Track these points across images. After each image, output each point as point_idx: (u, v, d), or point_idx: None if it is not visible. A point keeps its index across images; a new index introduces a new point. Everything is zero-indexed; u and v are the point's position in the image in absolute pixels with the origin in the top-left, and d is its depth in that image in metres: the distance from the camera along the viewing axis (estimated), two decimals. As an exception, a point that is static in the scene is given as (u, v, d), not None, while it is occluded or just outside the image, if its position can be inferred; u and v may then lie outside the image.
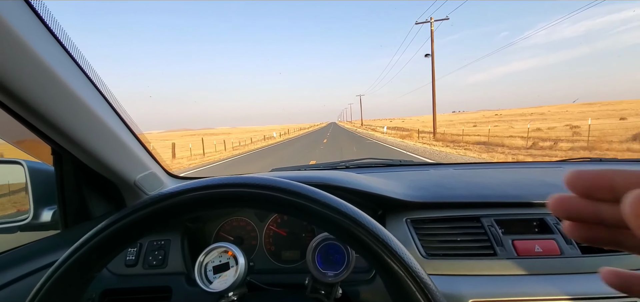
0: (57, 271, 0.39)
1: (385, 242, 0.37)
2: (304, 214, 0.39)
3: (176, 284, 0.82)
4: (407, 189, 0.88)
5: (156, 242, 0.89)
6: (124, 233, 0.40)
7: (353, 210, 0.39)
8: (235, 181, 0.40)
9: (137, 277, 0.85)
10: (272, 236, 0.95)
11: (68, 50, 0.65)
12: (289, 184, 0.40)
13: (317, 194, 0.39)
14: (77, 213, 0.89)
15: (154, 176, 0.98)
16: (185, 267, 0.85)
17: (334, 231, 0.40)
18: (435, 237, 0.77)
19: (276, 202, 0.39)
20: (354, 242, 0.39)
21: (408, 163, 1.39)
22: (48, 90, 0.60)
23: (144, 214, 0.40)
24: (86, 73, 0.70)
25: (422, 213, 0.82)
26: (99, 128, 0.74)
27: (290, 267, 0.91)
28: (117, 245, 0.41)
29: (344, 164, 1.37)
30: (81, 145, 0.73)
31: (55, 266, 0.40)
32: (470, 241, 0.75)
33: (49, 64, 0.58)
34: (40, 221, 0.90)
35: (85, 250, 0.39)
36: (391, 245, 0.37)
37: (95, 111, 0.72)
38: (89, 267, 0.41)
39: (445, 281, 0.69)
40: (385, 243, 0.37)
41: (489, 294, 0.64)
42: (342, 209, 0.39)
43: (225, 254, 0.69)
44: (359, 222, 0.38)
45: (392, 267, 0.37)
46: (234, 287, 0.64)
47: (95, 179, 0.88)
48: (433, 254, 0.74)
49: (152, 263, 0.85)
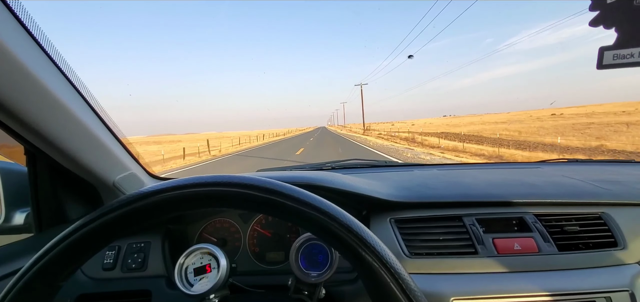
0: (18, 282, 0.37)
1: (359, 235, 0.37)
2: (278, 212, 0.39)
3: (156, 288, 0.80)
4: (391, 189, 0.89)
5: (136, 244, 0.86)
6: (89, 241, 0.38)
7: (326, 204, 0.39)
8: (208, 180, 0.39)
9: (115, 281, 0.82)
10: (257, 237, 0.94)
11: (41, 46, 0.62)
12: (263, 181, 0.39)
13: (290, 191, 0.39)
14: (52, 216, 0.86)
15: (134, 176, 0.95)
16: (166, 270, 0.83)
17: (309, 226, 0.39)
18: (418, 236, 0.78)
19: (251, 200, 0.39)
20: (329, 237, 0.38)
21: (393, 164, 1.40)
22: (19, 85, 0.57)
23: (109, 219, 0.38)
24: (61, 69, 0.67)
25: (405, 213, 0.83)
26: (75, 127, 0.72)
27: (274, 268, 0.90)
28: (82, 253, 0.39)
29: (330, 165, 1.37)
30: (56, 145, 0.70)
31: (16, 277, 0.37)
32: (453, 240, 0.76)
33: (20, 59, 0.56)
34: (12, 224, 0.86)
35: (48, 259, 0.37)
36: (365, 237, 0.37)
37: (71, 109, 0.69)
38: (53, 277, 0.39)
39: (427, 279, 0.69)
40: (359, 236, 0.37)
41: (471, 292, 0.65)
42: (315, 203, 0.38)
43: (206, 256, 0.68)
44: (332, 216, 0.38)
45: (366, 260, 0.37)
46: (215, 290, 0.63)
47: (71, 179, 0.85)
48: (416, 253, 0.75)
49: (131, 266, 0.83)
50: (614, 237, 0.74)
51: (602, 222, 0.77)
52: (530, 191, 0.86)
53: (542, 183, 0.93)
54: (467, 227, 0.77)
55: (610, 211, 0.79)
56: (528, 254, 0.72)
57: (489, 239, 0.75)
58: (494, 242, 0.74)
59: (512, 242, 0.74)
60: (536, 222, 0.77)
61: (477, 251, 0.73)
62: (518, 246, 0.73)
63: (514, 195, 0.83)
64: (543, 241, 0.74)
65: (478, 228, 0.77)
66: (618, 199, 0.81)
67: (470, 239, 0.75)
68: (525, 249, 0.73)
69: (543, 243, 0.73)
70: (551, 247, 0.73)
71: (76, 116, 0.70)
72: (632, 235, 0.74)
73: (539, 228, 0.76)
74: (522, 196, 0.82)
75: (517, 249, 0.73)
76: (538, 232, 0.75)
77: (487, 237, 0.75)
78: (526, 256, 0.72)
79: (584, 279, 0.67)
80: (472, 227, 0.77)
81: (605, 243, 0.74)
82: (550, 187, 0.89)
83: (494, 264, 0.71)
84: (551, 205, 0.81)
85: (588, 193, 0.84)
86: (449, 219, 0.80)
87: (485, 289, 0.66)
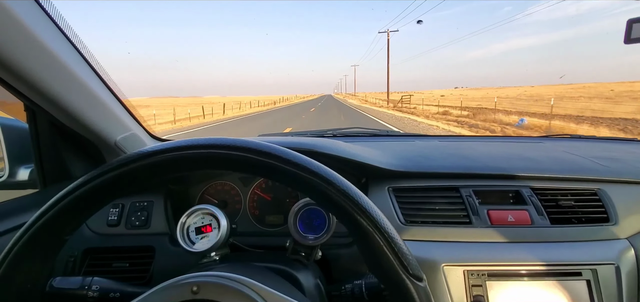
0: (25, 234, 0.38)
1: (354, 200, 0.38)
2: (277, 175, 0.39)
3: (159, 244, 0.83)
4: (391, 159, 0.89)
5: (139, 203, 0.88)
6: (92, 197, 0.39)
7: (324, 170, 0.39)
8: (209, 142, 0.39)
9: (119, 237, 0.85)
10: (257, 200, 0.96)
11: (41, 4, 0.61)
12: (262, 145, 0.39)
13: (289, 155, 0.39)
14: (55, 172, 0.88)
15: (135, 137, 0.96)
16: (169, 228, 0.86)
17: (307, 190, 0.40)
18: (414, 205, 0.80)
19: (250, 163, 0.39)
20: (325, 201, 0.39)
21: (395, 134, 1.40)
22: (16, 41, 0.56)
23: (110, 177, 0.39)
24: (58, 25, 0.66)
25: (404, 182, 0.84)
26: (74, 85, 0.71)
27: (273, 230, 0.93)
28: (86, 208, 0.41)
29: (331, 132, 1.37)
30: (55, 102, 0.70)
31: (22, 229, 0.39)
32: (448, 210, 0.78)
33: (17, 13, 0.54)
34: (17, 180, 0.88)
35: (53, 213, 0.39)
36: (360, 202, 0.38)
37: (70, 67, 0.68)
38: (58, 230, 0.40)
39: (421, 246, 0.72)
40: (355, 200, 0.38)
41: (462, 259, 0.68)
42: (313, 168, 0.39)
43: (207, 216, 0.70)
44: (329, 181, 0.38)
45: (361, 224, 0.38)
46: (216, 248, 0.65)
47: (74, 137, 0.86)
48: (412, 221, 0.77)
49: (134, 223, 0.86)
50: (607, 213, 0.75)
51: (597, 198, 0.78)
52: (529, 165, 0.86)
53: (542, 158, 0.93)
54: (463, 198, 0.78)
55: (606, 188, 0.79)
56: (521, 226, 0.74)
57: (483, 211, 0.76)
58: (488, 213, 0.75)
59: (506, 214, 0.75)
60: (532, 196, 0.78)
61: (471, 221, 0.75)
62: (512, 217, 0.74)
63: (512, 168, 0.84)
64: (537, 214, 0.75)
65: (474, 199, 0.78)
66: (615, 176, 0.82)
67: (466, 209, 0.76)
68: (518, 221, 0.74)
69: (536, 216, 0.75)
70: (544, 220, 0.74)
71: (76, 74, 0.70)
72: (625, 211, 0.75)
73: (534, 201, 0.77)
74: (520, 170, 0.83)
75: (510, 220, 0.74)
76: (533, 206, 0.76)
77: (482, 208, 0.77)
78: (519, 227, 0.73)
79: (572, 251, 0.69)
80: (469, 199, 0.78)
81: (598, 218, 0.75)
82: (549, 162, 0.90)
83: (486, 234, 0.73)
84: (548, 179, 0.81)
85: (586, 169, 0.84)
86: (446, 190, 0.81)
87: (475, 257, 0.68)
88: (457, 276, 0.66)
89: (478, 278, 0.66)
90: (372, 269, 0.41)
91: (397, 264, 0.37)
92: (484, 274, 0.66)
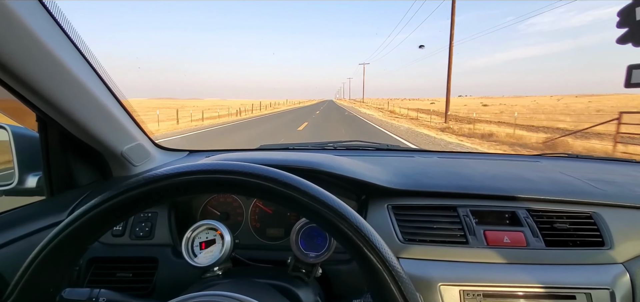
0: (51, 242, 0.41)
1: (366, 237, 0.40)
2: (292, 205, 0.41)
3: (162, 256, 0.85)
4: (390, 176, 0.91)
5: (143, 214, 0.90)
6: (118, 209, 0.42)
7: (338, 204, 0.41)
8: (230, 168, 0.41)
9: (124, 247, 0.87)
10: (258, 213, 0.98)
11: (55, 18, 0.63)
12: (279, 174, 0.41)
13: (307, 187, 0.41)
14: (62, 180, 0.90)
15: (141, 147, 0.98)
16: (172, 240, 0.87)
17: (319, 222, 0.42)
18: (413, 223, 0.81)
19: (267, 191, 0.41)
20: (337, 234, 0.41)
21: (395, 148, 1.42)
22: (33, 57, 0.59)
23: (140, 192, 0.41)
24: (73, 41, 0.69)
25: (403, 200, 0.86)
26: (85, 98, 0.74)
27: (274, 244, 0.94)
28: (110, 221, 0.43)
29: (332, 145, 1.39)
30: (67, 115, 0.73)
31: (49, 237, 0.41)
32: (445, 229, 0.79)
33: (34, 31, 0.57)
34: (26, 187, 0.90)
35: (79, 224, 0.41)
36: (371, 239, 0.40)
37: (82, 80, 0.71)
38: (82, 240, 0.43)
39: (418, 264, 0.73)
40: (366, 237, 0.40)
41: (458, 279, 0.69)
42: (328, 202, 0.41)
43: (211, 231, 0.72)
44: (343, 216, 0.40)
45: (370, 259, 0.40)
46: (219, 263, 0.67)
47: (81, 147, 0.88)
48: (410, 239, 0.78)
49: (139, 234, 0.87)
50: (602, 237, 0.76)
51: (592, 222, 0.79)
52: (525, 186, 0.88)
53: (538, 179, 0.95)
54: (460, 217, 0.80)
55: (601, 211, 0.81)
56: (516, 247, 0.75)
57: (480, 231, 0.78)
58: (484, 233, 0.77)
59: (502, 235, 0.77)
60: (528, 217, 0.80)
61: (467, 241, 0.76)
62: (507, 239, 0.76)
63: (509, 189, 0.85)
64: (532, 235, 0.77)
65: (471, 219, 0.80)
66: (611, 200, 0.83)
67: (463, 229, 0.78)
68: (514, 242, 0.76)
69: (532, 238, 0.76)
70: (539, 242, 0.76)
71: (87, 88, 0.72)
72: (620, 236, 0.76)
73: (530, 223, 0.79)
74: (516, 191, 0.84)
75: (506, 241, 0.76)
76: (528, 227, 0.78)
77: (478, 228, 0.78)
78: (514, 249, 0.75)
79: (567, 274, 0.70)
80: (466, 218, 0.80)
81: (592, 242, 0.76)
82: (545, 183, 0.91)
83: (482, 255, 0.74)
84: (544, 201, 0.83)
85: (582, 192, 0.86)
86: (443, 209, 0.83)
87: (471, 277, 0.69)
88: (453, 295, 0.68)
89: (474, 298, 0.68)
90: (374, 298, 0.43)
91: (400, 297, 0.39)
92: (479, 294, 0.68)
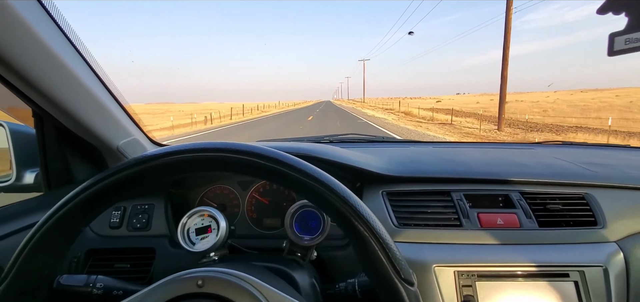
0: (45, 224, 0.41)
1: (353, 206, 0.41)
2: (280, 179, 0.42)
3: (160, 246, 0.85)
4: (385, 164, 0.92)
5: (140, 206, 0.91)
6: (109, 191, 0.42)
7: (325, 176, 0.42)
8: (216, 145, 0.42)
9: (121, 239, 0.88)
10: (255, 204, 0.99)
11: (50, 13, 0.64)
12: (266, 150, 0.42)
13: (293, 161, 0.42)
14: (60, 176, 0.91)
15: (136, 142, 0.99)
16: (169, 230, 0.88)
17: (308, 195, 0.43)
18: (407, 208, 0.82)
19: (254, 167, 0.42)
20: (326, 206, 0.42)
21: (390, 140, 1.43)
22: (29, 50, 0.60)
23: (129, 173, 0.42)
24: (68, 37, 0.70)
25: (397, 186, 0.86)
26: (80, 92, 0.75)
27: (270, 233, 0.95)
28: (102, 202, 0.44)
29: (328, 138, 1.40)
30: (62, 108, 0.73)
31: (42, 220, 0.42)
32: (439, 213, 0.80)
33: (30, 24, 0.58)
34: (23, 183, 0.91)
35: (71, 206, 0.41)
36: (358, 208, 0.41)
37: (77, 75, 0.72)
38: (74, 223, 0.43)
39: (413, 248, 0.74)
40: (353, 207, 0.41)
41: (452, 260, 0.70)
42: (315, 175, 0.42)
43: (207, 218, 0.72)
44: (330, 188, 0.41)
45: (358, 229, 0.41)
46: (215, 248, 0.68)
47: (77, 142, 0.89)
48: (405, 224, 0.79)
49: (136, 226, 0.88)
50: (595, 217, 0.77)
51: (585, 202, 0.80)
52: (518, 170, 0.89)
53: (532, 163, 0.96)
54: (454, 201, 0.81)
55: (594, 192, 0.82)
56: (510, 229, 0.76)
57: (474, 214, 0.78)
58: (478, 216, 0.78)
59: (495, 217, 0.77)
60: (521, 200, 0.81)
61: (461, 224, 0.77)
62: (501, 220, 0.77)
63: (502, 173, 0.86)
64: (525, 217, 0.77)
65: (465, 203, 0.81)
66: (603, 180, 0.84)
67: (456, 212, 0.79)
68: (507, 223, 0.76)
69: (525, 219, 0.77)
70: (532, 223, 0.76)
71: (82, 82, 0.73)
72: (613, 215, 0.77)
73: (523, 205, 0.79)
74: (509, 174, 0.85)
75: (499, 223, 0.77)
76: (521, 209, 0.79)
77: (472, 211, 0.79)
78: (508, 230, 0.76)
79: (560, 253, 0.71)
80: (459, 202, 0.81)
81: (585, 222, 0.77)
82: (539, 167, 0.92)
83: (476, 236, 0.75)
84: (537, 184, 0.84)
85: (574, 174, 0.87)
86: (437, 194, 0.84)
87: (465, 258, 0.70)
88: (447, 276, 0.69)
89: (468, 278, 0.68)
90: (366, 272, 0.44)
91: (391, 269, 0.40)
92: (473, 275, 0.69)
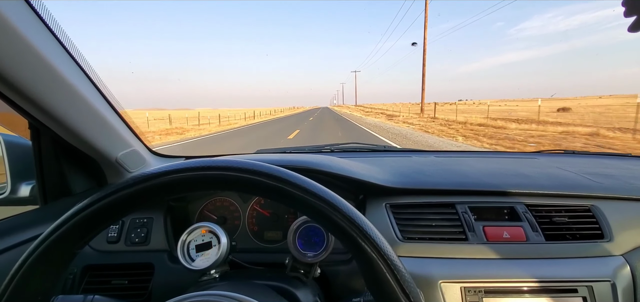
0: (39, 247, 0.39)
1: (360, 227, 0.39)
2: (284, 199, 0.40)
3: (158, 261, 0.83)
4: (388, 175, 0.91)
5: (139, 220, 0.89)
6: (107, 211, 0.40)
7: (331, 195, 0.40)
8: (219, 163, 0.40)
9: (119, 254, 0.85)
10: (256, 217, 0.97)
11: (47, 24, 0.63)
12: (271, 168, 0.41)
13: (297, 180, 0.40)
14: (56, 189, 0.88)
15: (136, 153, 0.97)
16: (168, 245, 0.86)
17: (312, 215, 0.41)
18: (412, 221, 0.81)
19: (259, 186, 0.40)
20: (331, 226, 0.40)
21: (392, 149, 1.42)
22: (25, 62, 0.58)
23: (127, 193, 0.40)
24: (65, 47, 0.68)
25: (401, 199, 0.85)
26: (78, 103, 0.73)
27: (272, 247, 0.93)
28: (99, 223, 0.42)
29: (329, 147, 1.39)
30: (59, 121, 0.72)
31: (37, 242, 0.40)
32: (444, 226, 0.79)
33: (25, 36, 0.57)
34: (18, 196, 0.88)
35: (68, 227, 0.40)
36: (366, 229, 0.39)
37: (74, 84, 0.70)
38: (71, 244, 0.41)
39: (418, 262, 0.72)
40: (361, 227, 0.39)
41: (458, 276, 0.68)
42: (320, 194, 0.40)
43: (208, 234, 0.71)
44: (336, 207, 0.39)
45: (365, 250, 0.39)
46: (215, 266, 0.66)
47: (75, 154, 0.87)
48: (409, 238, 0.78)
49: (134, 240, 0.86)
50: (601, 230, 0.76)
51: (591, 215, 0.79)
52: (523, 182, 0.87)
53: (536, 174, 0.95)
54: (459, 214, 0.80)
55: (600, 204, 0.81)
56: (516, 243, 0.75)
57: (479, 227, 0.77)
58: (484, 229, 0.77)
59: (501, 230, 0.76)
60: (526, 212, 0.79)
61: (467, 238, 0.76)
62: (507, 234, 0.75)
63: (507, 185, 0.85)
64: (531, 230, 0.76)
65: (470, 216, 0.79)
66: (609, 192, 0.83)
67: (462, 226, 0.77)
68: (513, 237, 0.75)
69: (531, 232, 0.76)
70: (539, 237, 0.75)
71: (80, 94, 0.72)
72: (619, 228, 0.76)
73: (529, 218, 0.78)
74: (514, 186, 0.84)
75: (506, 237, 0.75)
76: (527, 222, 0.77)
77: (477, 224, 0.78)
78: (514, 244, 0.74)
79: (568, 267, 0.70)
80: (464, 215, 0.79)
81: (592, 235, 0.76)
82: (543, 178, 0.91)
83: (482, 251, 0.74)
84: (542, 196, 0.83)
85: (580, 185, 0.86)
86: (442, 206, 0.83)
87: (472, 274, 0.69)
88: (454, 292, 0.67)
89: (475, 295, 0.67)
90: (373, 292, 0.42)
91: (398, 290, 0.38)
92: (480, 291, 0.67)
